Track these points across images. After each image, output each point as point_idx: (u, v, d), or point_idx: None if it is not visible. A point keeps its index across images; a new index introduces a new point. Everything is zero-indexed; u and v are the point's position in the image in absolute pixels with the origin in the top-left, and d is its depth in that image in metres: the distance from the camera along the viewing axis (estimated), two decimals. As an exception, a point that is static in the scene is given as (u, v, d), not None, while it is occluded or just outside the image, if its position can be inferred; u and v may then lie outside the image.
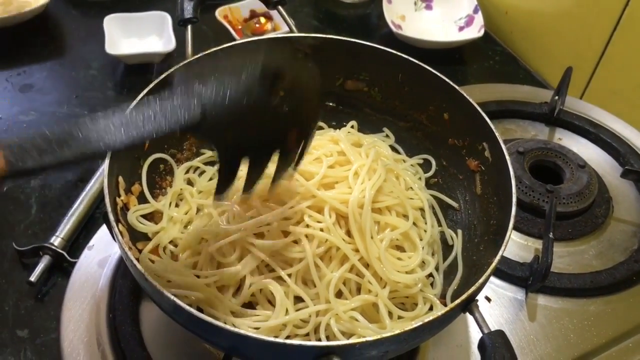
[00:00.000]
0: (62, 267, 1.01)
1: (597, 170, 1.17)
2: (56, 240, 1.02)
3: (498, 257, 0.73)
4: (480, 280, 0.70)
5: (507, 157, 0.83)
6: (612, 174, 1.18)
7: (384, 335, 0.64)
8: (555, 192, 1.06)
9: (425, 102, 0.99)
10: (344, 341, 0.64)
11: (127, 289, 0.89)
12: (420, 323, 0.65)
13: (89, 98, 1.36)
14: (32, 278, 0.97)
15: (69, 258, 1.00)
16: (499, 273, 0.99)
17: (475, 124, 0.90)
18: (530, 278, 0.97)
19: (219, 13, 1.51)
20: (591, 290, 0.98)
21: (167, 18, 1.44)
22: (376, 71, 1.02)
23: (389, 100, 1.04)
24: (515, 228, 1.06)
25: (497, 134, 0.86)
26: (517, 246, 1.05)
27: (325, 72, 0.99)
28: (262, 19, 1.52)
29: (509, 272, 0.99)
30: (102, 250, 0.96)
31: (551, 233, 0.96)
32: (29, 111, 1.32)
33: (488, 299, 0.97)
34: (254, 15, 1.53)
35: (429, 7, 1.66)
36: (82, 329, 0.87)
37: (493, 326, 0.70)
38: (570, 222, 1.07)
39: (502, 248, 0.73)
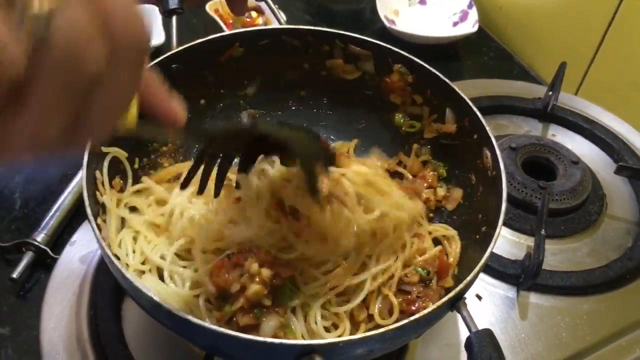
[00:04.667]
0: (45, 264, 0.99)
1: (590, 166, 1.15)
2: (39, 236, 1.00)
3: (487, 255, 0.71)
4: (468, 278, 0.68)
5: (498, 153, 0.81)
6: (606, 170, 1.16)
7: (369, 333, 0.62)
8: (548, 189, 1.05)
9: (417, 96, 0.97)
10: (326, 340, 0.62)
11: (108, 286, 0.87)
12: (406, 321, 0.64)
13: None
14: (14, 275, 0.95)
15: (52, 254, 0.98)
16: (490, 271, 0.98)
17: (470, 120, 0.88)
18: (522, 276, 0.95)
19: (210, 7, 1.49)
20: (584, 288, 0.96)
21: (155, 11, 1.41)
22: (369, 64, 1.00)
23: (381, 94, 1.02)
24: (507, 225, 1.05)
25: (488, 128, 0.84)
26: (509, 243, 1.03)
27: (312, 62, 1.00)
28: (254, 13, 1.50)
29: (500, 270, 0.97)
30: (85, 246, 0.94)
31: (543, 230, 0.94)
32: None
33: (479, 297, 0.96)
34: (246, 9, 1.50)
35: (422, 2, 1.64)
36: (63, 326, 0.85)
37: (483, 325, 0.68)
38: (563, 219, 1.05)
39: (491, 245, 0.72)
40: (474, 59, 1.55)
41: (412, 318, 0.64)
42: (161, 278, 0.78)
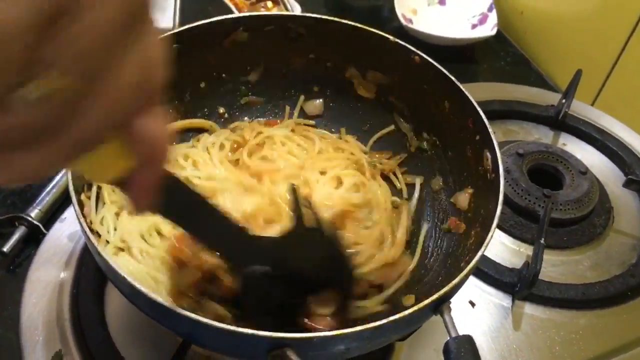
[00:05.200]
0: (37, 240, 0.98)
1: (600, 178, 1.11)
2: (33, 212, 0.99)
3: (476, 258, 0.68)
4: (455, 281, 0.65)
5: (499, 155, 0.78)
6: (615, 183, 1.12)
7: (344, 330, 0.60)
8: (553, 197, 1.01)
9: (425, 95, 0.94)
10: (299, 334, 0.60)
11: (94, 266, 0.85)
12: (385, 321, 0.61)
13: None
14: (5, 248, 0.94)
15: (44, 230, 0.97)
16: (485, 277, 0.95)
17: (473, 120, 0.85)
18: (518, 285, 0.92)
19: (226, -5, 1.47)
20: (582, 302, 0.93)
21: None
22: (378, 60, 0.97)
23: (386, 90, 0.99)
24: (507, 232, 1.02)
25: (490, 129, 0.81)
26: (508, 251, 1.00)
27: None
28: (269, 3, 1.48)
29: (496, 277, 0.94)
30: (74, 224, 0.93)
31: (543, 239, 0.91)
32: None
33: (472, 304, 0.93)
34: (260, -1, 1.49)
35: (442, 2, 1.61)
36: (44, 303, 0.84)
37: (474, 332, 0.65)
38: (567, 229, 1.02)
39: (482, 248, 0.69)
40: (490, 63, 1.52)
41: (390, 318, 0.61)
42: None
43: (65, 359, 0.79)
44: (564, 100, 1.19)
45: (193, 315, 0.60)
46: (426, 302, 0.64)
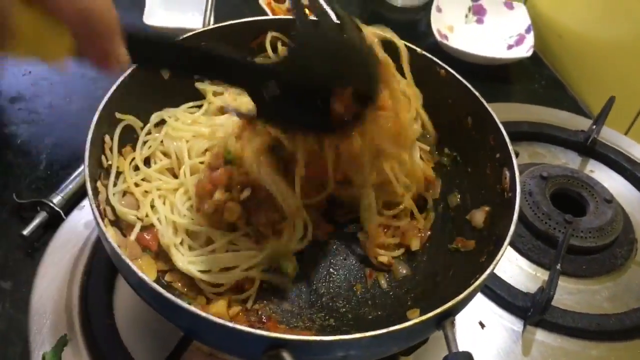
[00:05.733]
0: (57, 226, 1.00)
1: (626, 208, 1.08)
2: (56, 198, 1.01)
3: (485, 275, 0.67)
4: (459, 297, 0.64)
5: (517, 173, 0.77)
6: (643, 215, 1.09)
7: (342, 337, 0.59)
8: (574, 224, 0.99)
9: (448, 109, 0.93)
10: (296, 336, 0.59)
11: (106, 255, 0.85)
12: (385, 331, 0.60)
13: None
14: (25, 232, 0.96)
15: (64, 217, 0.99)
16: (498, 300, 0.93)
17: (495, 137, 0.84)
18: (531, 309, 0.90)
19: (263, 0, 1.49)
20: (596, 333, 0.90)
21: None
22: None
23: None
24: (525, 255, 1.00)
25: (510, 147, 0.80)
26: (524, 275, 0.98)
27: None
28: (307, 10, 1.48)
29: (509, 300, 0.92)
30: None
31: (559, 265, 0.89)
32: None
33: (482, 325, 0.91)
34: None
35: (480, 21, 1.60)
36: (54, 288, 0.85)
37: (482, 354, 0.64)
38: (587, 258, 1.00)
39: (491, 266, 0.68)
40: (524, 85, 1.50)
41: (391, 328, 0.61)
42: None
43: (70, 344, 0.80)
44: (594, 126, 1.17)
45: (192, 308, 0.61)
46: (429, 315, 0.63)
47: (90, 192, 0.67)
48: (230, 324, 0.60)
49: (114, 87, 0.78)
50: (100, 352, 0.79)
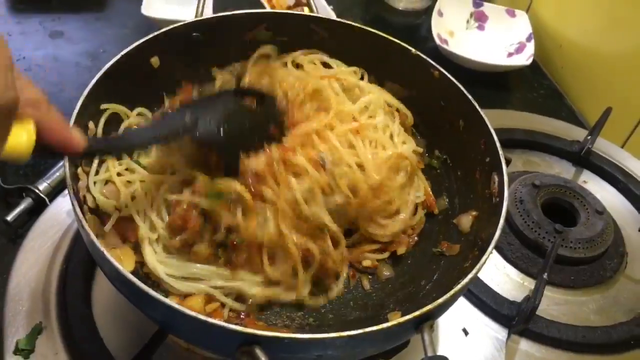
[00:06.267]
0: (42, 212, 0.99)
1: (618, 221, 1.07)
2: (41, 185, 1.00)
3: (467, 279, 0.65)
4: (440, 300, 0.63)
5: (506, 179, 0.75)
6: (633, 228, 1.08)
7: (317, 335, 0.58)
8: (564, 234, 0.98)
9: (441, 111, 0.92)
10: (270, 332, 0.58)
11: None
12: (361, 331, 0.59)
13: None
14: (9, 217, 0.95)
15: (49, 204, 0.98)
16: (483, 307, 0.92)
17: (485, 141, 0.83)
18: (516, 318, 0.89)
19: (264, -5, 1.48)
20: (581, 345, 0.89)
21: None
22: (397, 71, 0.95)
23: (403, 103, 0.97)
24: (513, 264, 0.99)
25: (501, 152, 0.78)
26: (511, 283, 0.97)
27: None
28: (306, 9, 1.47)
29: (494, 308, 0.91)
30: (76, 200, 0.93)
31: (546, 274, 0.87)
32: (54, 57, 1.31)
33: (465, 332, 0.90)
34: (298, 3, 1.49)
35: (481, 28, 1.59)
36: (33, 274, 0.84)
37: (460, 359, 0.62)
38: (575, 269, 0.98)
39: (474, 270, 0.66)
40: (522, 93, 1.49)
41: (367, 329, 0.59)
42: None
43: (45, 332, 0.79)
44: (589, 137, 1.16)
45: (166, 300, 0.59)
46: (407, 317, 0.62)
47: (68, 178, 0.66)
48: (204, 318, 0.58)
49: (99, 74, 0.77)
50: (75, 341, 0.77)
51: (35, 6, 1.44)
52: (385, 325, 0.60)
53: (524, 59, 1.47)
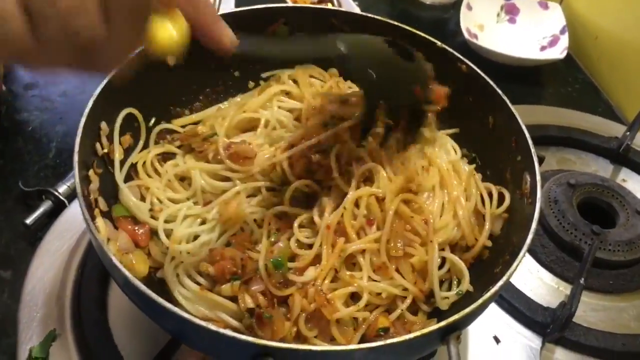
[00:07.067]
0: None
1: (659, 221, 1.01)
2: (61, 187, 0.98)
3: (495, 289, 0.61)
4: (466, 310, 0.59)
5: (538, 179, 0.71)
6: (677, 229, 1.02)
7: (333, 347, 0.55)
8: (602, 236, 0.93)
9: (469, 107, 0.88)
10: (284, 344, 0.55)
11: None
12: (381, 343, 0.56)
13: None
14: (28, 220, 0.94)
15: (68, 206, 0.96)
16: (516, 313, 0.88)
17: (517, 140, 0.78)
18: (551, 325, 0.84)
19: (289, -10, 1.45)
20: (621, 354, 0.85)
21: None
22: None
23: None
24: (548, 268, 0.95)
25: (533, 150, 0.74)
26: (546, 288, 0.92)
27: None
28: (330, 5, 1.45)
29: (527, 315, 0.87)
30: (93, 204, 0.91)
31: (583, 279, 0.83)
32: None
33: (497, 340, 0.86)
34: (322, 0, 1.46)
35: (512, 21, 1.54)
36: (48, 278, 0.82)
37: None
38: (614, 273, 0.94)
39: (505, 276, 0.62)
40: (556, 88, 1.43)
41: (388, 341, 0.56)
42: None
43: (59, 339, 0.77)
44: (628, 133, 1.10)
45: (178, 311, 0.57)
46: (431, 328, 0.58)
47: (77, 179, 0.64)
48: (216, 329, 0.56)
49: (112, 73, 0.74)
50: (89, 348, 0.76)
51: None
52: (407, 336, 0.57)
53: (558, 52, 1.41)
